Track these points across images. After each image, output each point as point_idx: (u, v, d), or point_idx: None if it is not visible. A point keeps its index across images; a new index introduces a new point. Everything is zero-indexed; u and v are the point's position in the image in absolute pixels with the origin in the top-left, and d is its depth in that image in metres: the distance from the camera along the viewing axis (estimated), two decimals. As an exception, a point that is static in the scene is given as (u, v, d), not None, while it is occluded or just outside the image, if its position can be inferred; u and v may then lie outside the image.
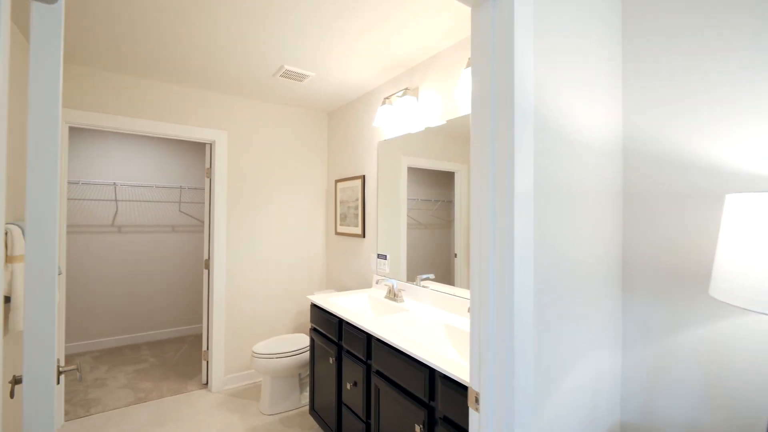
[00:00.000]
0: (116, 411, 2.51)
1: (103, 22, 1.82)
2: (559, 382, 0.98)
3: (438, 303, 1.97)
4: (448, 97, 1.97)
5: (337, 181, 3.11)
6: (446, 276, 2.00)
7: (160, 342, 3.88)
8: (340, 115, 3.13)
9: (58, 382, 1.11)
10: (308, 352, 2.50)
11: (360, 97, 2.84)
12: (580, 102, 1.03)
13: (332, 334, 1.98)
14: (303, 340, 2.60)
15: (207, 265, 2.90)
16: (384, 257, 2.46)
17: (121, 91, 2.48)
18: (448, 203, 1.97)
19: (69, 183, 3.50)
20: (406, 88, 2.12)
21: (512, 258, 0.86)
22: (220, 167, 2.83)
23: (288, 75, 2.41)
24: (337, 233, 3.11)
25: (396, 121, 2.34)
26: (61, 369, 1.12)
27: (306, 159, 3.24)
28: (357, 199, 2.82)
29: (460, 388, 1.19)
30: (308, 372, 2.69)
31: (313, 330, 2.23)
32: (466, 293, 1.85)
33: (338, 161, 3.14)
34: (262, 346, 2.49)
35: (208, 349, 2.85)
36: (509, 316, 0.87)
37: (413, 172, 2.24)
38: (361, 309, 2.27)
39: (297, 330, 3.19)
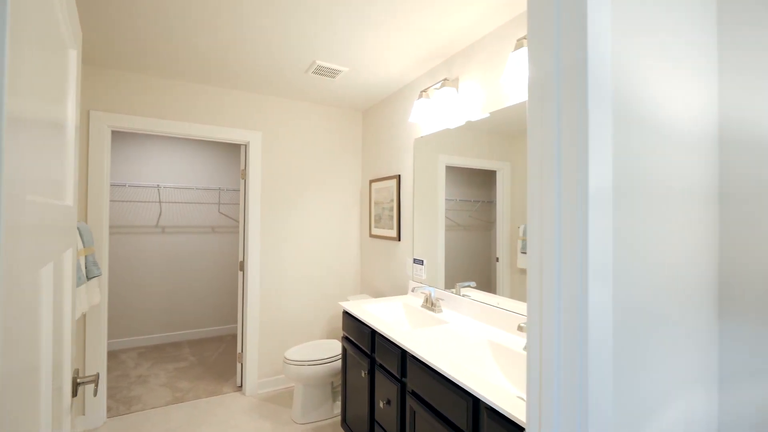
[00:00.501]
0: (154, 410, 2.54)
1: (135, 25, 1.81)
2: (644, 431, 0.77)
3: (480, 315, 1.78)
4: (492, 87, 1.77)
5: (371, 182, 2.99)
6: (487, 282, 1.81)
7: (201, 340, 3.96)
8: (374, 113, 3.01)
9: (75, 394, 1.06)
10: (340, 361, 2.39)
11: (395, 93, 2.70)
12: (664, 79, 0.82)
13: (365, 346, 1.85)
14: (335, 347, 2.50)
15: (242, 266, 2.89)
16: (420, 262, 2.29)
17: (156, 94, 2.51)
18: (489, 204, 1.80)
19: (116, 186, 3.65)
20: (445, 79, 1.95)
21: (585, 272, 0.67)
22: (254, 168, 2.80)
23: (320, 71, 2.31)
24: (371, 235, 2.98)
25: (433, 115, 2.17)
26: (78, 380, 1.08)
27: (340, 159, 3.15)
28: (392, 200, 2.68)
29: (511, 425, 1.01)
30: (341, 381, 2.59)
31: (345, 338, 2.11)
32: (511, 304, 1.65)
33: (373, 161, 3.02)
34: (293, 352, 2.42)
35: (242, 351, 2.83)
36: (581, 346, 0.68)
37: (451, 170, 2.08)
38: (395, 318, 2.12)
39: (330, 335, 3.11)
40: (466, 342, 1.51)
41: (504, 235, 1.73)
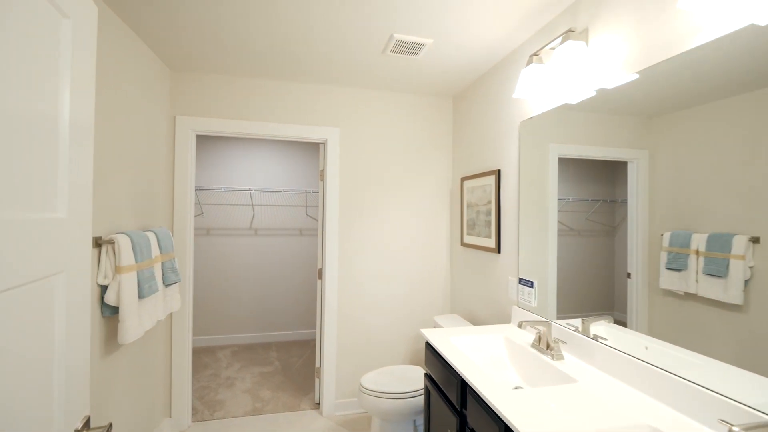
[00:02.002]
0: (235, 420, 2.47)
1: (200, 24, 1.67)
2: None
3: (624, 373, 1.19)
4: (650, 30, 1.16)
5: (463, 179, 2.50)
6: (608, 303, 1.34)
7: (288, 343, 3.94)
8: (467, 97, 2.51)
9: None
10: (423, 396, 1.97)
11: (494, 67, 2.17)
12: None
13: (452, 396, 1.40)
14: (419, 378, 2.09)
15: (320, 275, 2.68)
16: (529, 284, 1.74)
17: (232, 95, 2.42)
18: (611, 203, 1.35)
19: (212, 190, 3.79)
20: (569, 30, 1.39)
21: None
22: (332, 168, 2.57)
23: (400, 48, 1.93)
24: (463, 244, 2.50)
25: (549, 86, 1.61)
26: (83, 433, 0.87)
27: (427, 154, 2.73)
28: (489, 202, 2.16)
29: None
30: (423, 423, 2.17)
31: (428, 377, 1.69)
32: (664, 350, 1.02)
33: (466, 154, 2.53)
34: (370, 380, 2.08)
35: (320, 366, 2.61)
36: None
37: (562, 162, 1.56)
38: (495, 361, 1.61)
39: (414, 358, 2.71)
40: (611, 424, 0.96)
41: (638, 243, 1.24)
